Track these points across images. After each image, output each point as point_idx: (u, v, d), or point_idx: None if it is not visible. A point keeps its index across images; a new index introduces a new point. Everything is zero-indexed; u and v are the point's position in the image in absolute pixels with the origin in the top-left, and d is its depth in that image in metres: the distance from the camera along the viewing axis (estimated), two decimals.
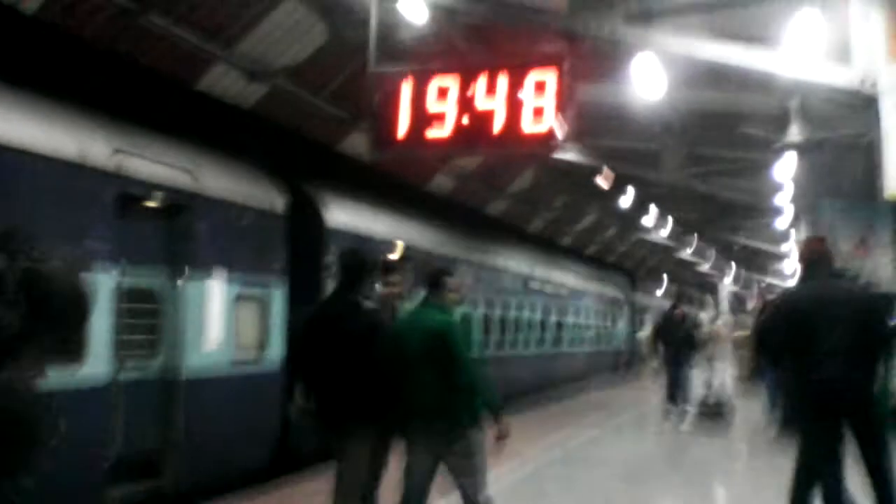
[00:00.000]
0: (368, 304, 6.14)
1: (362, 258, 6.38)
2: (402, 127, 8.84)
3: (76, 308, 2.62)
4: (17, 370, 2.51)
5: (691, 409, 16.01)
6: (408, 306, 6.88)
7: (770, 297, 12.32)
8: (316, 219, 12.18)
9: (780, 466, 7.22)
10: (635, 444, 14.18)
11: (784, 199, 21.12)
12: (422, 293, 6.50)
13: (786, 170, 17.59)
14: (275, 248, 10.97)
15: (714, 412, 15.69)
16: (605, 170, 20.42)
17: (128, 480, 8.48)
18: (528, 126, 8.29)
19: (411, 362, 6.05)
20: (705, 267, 49.61)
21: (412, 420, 6.09)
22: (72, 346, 7.05)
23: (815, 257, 6.57)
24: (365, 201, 14.29)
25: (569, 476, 10.63)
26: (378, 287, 6.54)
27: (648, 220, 31.37)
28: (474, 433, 6.04)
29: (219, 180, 9.97)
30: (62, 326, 2.61)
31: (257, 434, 10.46)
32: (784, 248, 32.36)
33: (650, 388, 21.02)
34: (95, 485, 7.90)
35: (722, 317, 20.40)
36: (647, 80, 11.78)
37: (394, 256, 6.61)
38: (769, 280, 48.88)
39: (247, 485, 9.90)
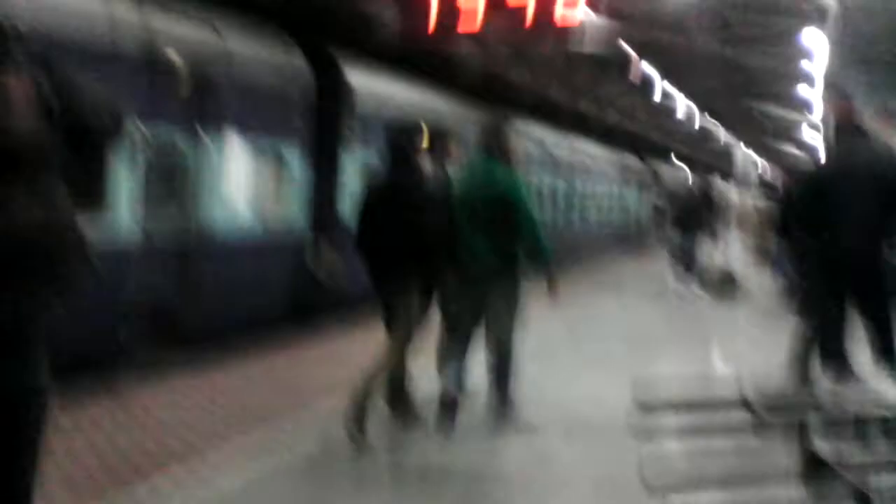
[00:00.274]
0: (422, 175, 6.40)
1: (412, 135, 6.51)
2: (432, 21, 8.67)
3: (108, 116, 2.72)
4: (61, 186, 2.64)
5: (698, 278, 16.10)
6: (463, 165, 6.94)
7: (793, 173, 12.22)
8: (340, 82, 12.15)
9: (785, 330, 7.41)
10: (645, 311, 14.38)
11: (809, 66, 20.84)
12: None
13: (813, 36, 17.33)
14: (298, 109, 11.02)
15: (725, 282, 15.82)
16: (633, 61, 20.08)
17: (147, 331, 8.76)
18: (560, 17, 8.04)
19: (473, 216, 6.31)
20: (721, 135, 49.27)
21: (469, 270, 6.35)
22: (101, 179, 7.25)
23: (843, 120, 6.59)
24: (394, 75, 14.17)
25: (577, 338, 10.86)
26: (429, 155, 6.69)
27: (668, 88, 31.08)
28: (522, 288, 6.43)
29: (245, 40, 9.96)
30: (97, 143, 2.72)
31: (274, 289, 10.73)
32: (806, 116, 32.04)
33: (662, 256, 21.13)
34: (115, 330, 8.17)
35: (735, 187, 20.35)
36: None
37: (441, 126, 6.85)
38: (789, 149, 48.38)
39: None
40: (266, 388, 7.80)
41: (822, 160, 6.78)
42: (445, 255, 6.29)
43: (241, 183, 9.87)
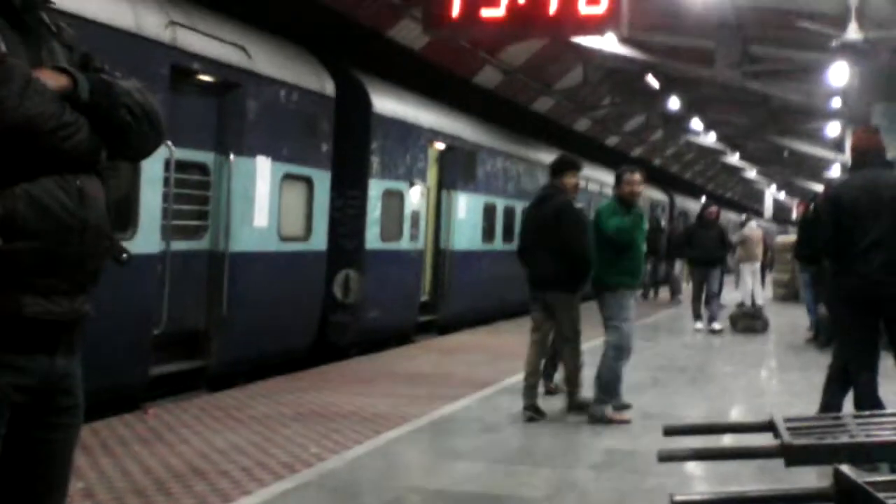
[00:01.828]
0: (562, 196, 8.03)
1: (561, 159, 8.43)
2: (456, 6, 8.78)
3: (146, 121, 2.71)
4: (92, 182, 2.63)
5: (720, 311, 15.93)
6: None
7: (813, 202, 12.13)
8: (364, 105, 12.21)
9: (816, 365, 7.33)
10: (668, 344, 14.29)
11: (837, 104, 20.72)
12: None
13: (840, 73, 17.23)
14: (322, 132, 11.04)
15: (751, 318, 15.69)
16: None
17: (172, 357, 8.75)
18: (584, 7, 8.19)
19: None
20: (752, 174, 49.07)
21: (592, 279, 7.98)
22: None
23: (865, 147, 6.49)
24: (412, 91, 14.27)
25: None
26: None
27: (698, 123, 31.00)
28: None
29: (271, 59, 10.00)
30: (131, 141, 2.71)
31: (300, 315, 10.68)
32: (834, 155, 31.83)
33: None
34: (141, 359, 8.12)
35: (754, 221, 20.19)
36: None
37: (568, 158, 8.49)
38: (817, 187, 48.20)
39: (287, 369, 10.16)
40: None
41: (842, 188, 6.63)
42: (587, 270, 7.90)
43: (266, 203, 9.85)
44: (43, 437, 2.67)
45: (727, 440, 5.57)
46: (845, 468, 2.65)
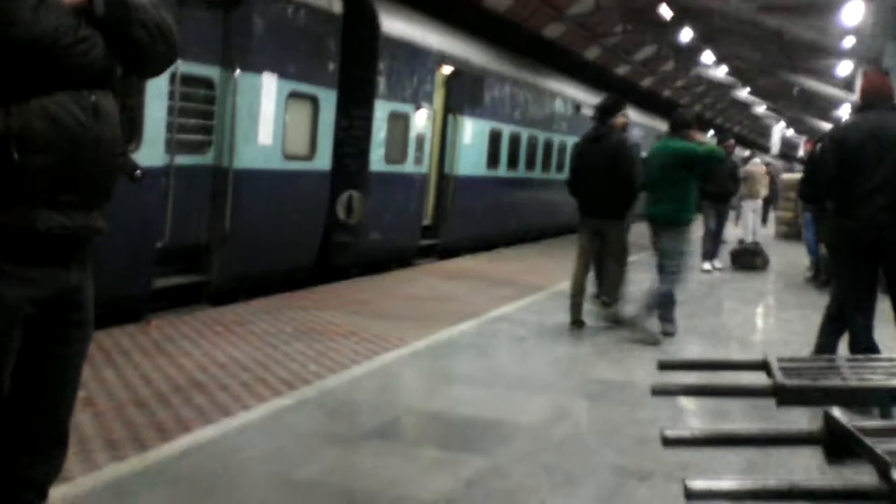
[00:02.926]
0: (617, 135, 8.99)
1: (614, 101, 9.32)
2: None
3: (161, 38, 2.70)
4: (106, 97, 2.64)
5: (721, 248, 15.79)
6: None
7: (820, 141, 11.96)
8: (371, 25, 12.08)
9: (813, 305, 7.38)
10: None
11: (850, 42, 20.50)
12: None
13: (855, 11, 17.03)
14: (329, 51, 10.93)
15: (752, 255, 15.66)
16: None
17: (175, 271, 8.81)
18: None
19: (657, 174, 8.73)
20: (761, 109, 48.73)
21: (654, 215, 8.85)
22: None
23: (874, 89, 6.44)
24: (420, 13, 14.10)
25: None
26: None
27: (709, 56, 30.69)
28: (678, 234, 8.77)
29: None
30: (145, 57, 2.71)
31: (302, 234, 10.72)
32: (844, 94, 31.57)
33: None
34: (143, 271, 8.17)
35: (758, 157, 19.99)
36: None
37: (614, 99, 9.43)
38: (825, 126, 47.87)
39: (288, 288, 10.23)
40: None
41: (848, 129, 6.58)
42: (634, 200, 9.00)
43: (271, 120, 9.81)
44: (54, 351, 2.72)
45: (721, 377, 5.64)
46: (836, 412, 2.70)
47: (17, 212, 2.48)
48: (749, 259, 15.53)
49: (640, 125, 27.08)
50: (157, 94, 7.92)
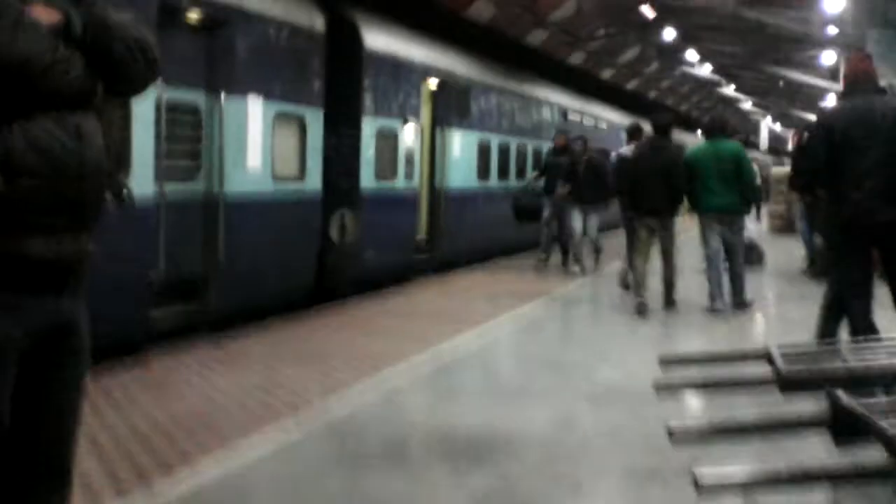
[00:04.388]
0: (674, 148, 10.86)
1: (670, 119, 11.34)
2: None
3: (141, 55, 2.67)
4: (88, 118, 2.61)
5: None
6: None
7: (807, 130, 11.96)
8: (355, 42, 12.08)
9: (811, 295, 7.36)
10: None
11: (832, 31, 20.54)
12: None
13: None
14: (314, 70, 10.93)
15: (747, 249, 15.58)
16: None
17: (171, 302, 8.75)
18: None
19: (709, 174, 10.16)
20: (747, 105, 48.83)
21: (708, 210, 10.30)
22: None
23: (858, 74, 6.42)
24: (404, 27, 14.11)
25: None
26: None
27: (693, 54, 30.76)
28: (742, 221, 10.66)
29: None
30: (126, 76, 2.68)
31: (297, 256, 10.68)
32: (829, 84, 31.63)
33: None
34: (140, 306, 8.11)
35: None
36: None
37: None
38: (812, 117, 47.88)
39: (286, 311, 10.17)
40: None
41: (834, 115, 6.56)
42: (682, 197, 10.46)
43: (259, 145, 9.79)
44: (51, 379, 2.68)
45: (723, 370, 5.60)
46: (840, 393, 2.67)
47: (7, 239, 2.46)
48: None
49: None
50: (143, 122, 7.89)
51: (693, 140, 36.20)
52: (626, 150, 12.44)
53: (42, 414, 2.68)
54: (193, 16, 8.80)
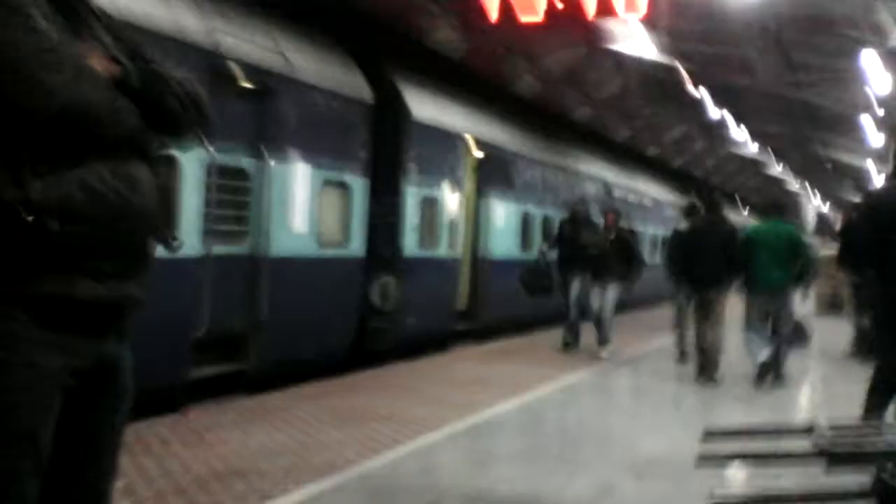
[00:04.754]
0: (727, 225, 11.39)
1: (720, 201, 12.05)
2: (494, 11, 8.83)
3: (194, 109, 2.75)
4: (142, 168, 2.67)
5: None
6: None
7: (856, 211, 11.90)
8: (402, 111, 12.25)
9: (857, 376, 7.24)
10: None
11: (878, 113, 20.50)
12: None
13: (881, 80, 17.05)
14: (360, 138, 11.10)
15: (793, 330, 15.41)
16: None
17: (212, 360, 8.82)
18: (622, 12, 8.22)
19: (766, 253, 10.35)
20: (794, 185, 48.59)
21: (759, 286, 10.47)
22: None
23: None
24: (451, 98, 14.29)
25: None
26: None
27: (740, 133, 30.74)
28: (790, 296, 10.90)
29: (309, 65, 10.07)
30: (178, 129, 2.75)
31: (338, 320, 10.73)
32: (877, 165, 31.45)
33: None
34: (181, 361, 8.19)
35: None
36: None
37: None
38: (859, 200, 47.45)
39: (326, 375, 10.18)
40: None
41: (881, 195, 6.54)
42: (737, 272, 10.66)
43: (307, 210, 9.91)
44: (93, 421, 2.71)
45: (766, 444, 5.51)
46: (886, 474, 2.62)
47: (57, 281, 2.50)
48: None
49: (671, 204, 27.10)
50: (192, 185, 8.04)
51: (738, 218, 36.09)
52: (683, 225, 12.56)
53: (81, 453, 2.70)
54: (244, 82, 9.00)
